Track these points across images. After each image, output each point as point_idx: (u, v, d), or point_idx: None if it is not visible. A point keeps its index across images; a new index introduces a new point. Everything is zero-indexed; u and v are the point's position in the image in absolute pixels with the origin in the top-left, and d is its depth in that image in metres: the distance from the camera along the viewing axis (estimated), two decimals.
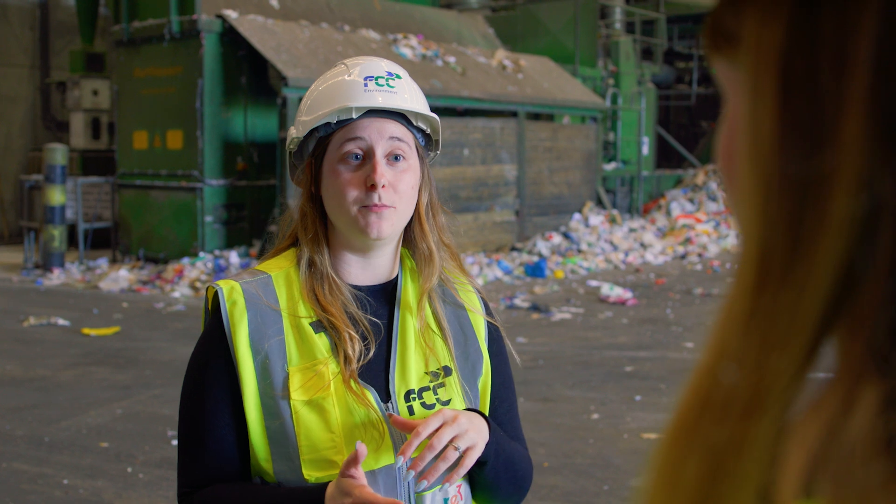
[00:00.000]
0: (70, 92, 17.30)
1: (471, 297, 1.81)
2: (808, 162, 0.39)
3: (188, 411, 1.63)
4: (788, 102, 0.39)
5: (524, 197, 16.01)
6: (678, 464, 0.43)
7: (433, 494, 1.62)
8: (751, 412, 0.41)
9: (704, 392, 0.43)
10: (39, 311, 10.44)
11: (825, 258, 0.39)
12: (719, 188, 19.59)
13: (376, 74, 1.67)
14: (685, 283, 12.75)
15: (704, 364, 0.44)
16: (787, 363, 0.40)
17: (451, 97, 14.40)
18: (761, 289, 0.41)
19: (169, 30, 13.69)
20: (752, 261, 0.41)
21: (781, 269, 0.40)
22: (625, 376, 7.58)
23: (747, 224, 0.42)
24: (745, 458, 0.41)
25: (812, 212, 0.39)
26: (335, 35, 14.39)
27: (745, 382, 0.41)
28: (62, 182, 13.80)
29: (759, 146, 0.40)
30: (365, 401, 1.59)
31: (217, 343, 1.60)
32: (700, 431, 0.43)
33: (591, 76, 19.31)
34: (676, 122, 27.60)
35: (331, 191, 1.64)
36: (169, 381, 7.36)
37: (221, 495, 1.58)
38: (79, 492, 5.12)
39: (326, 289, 1.64)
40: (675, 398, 0.46)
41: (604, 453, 5.67)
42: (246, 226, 13.85)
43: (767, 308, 0.40)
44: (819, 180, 0.39)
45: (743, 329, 0.41)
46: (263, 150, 13.93)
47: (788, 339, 0.40)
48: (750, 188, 0.41)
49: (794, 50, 0.39)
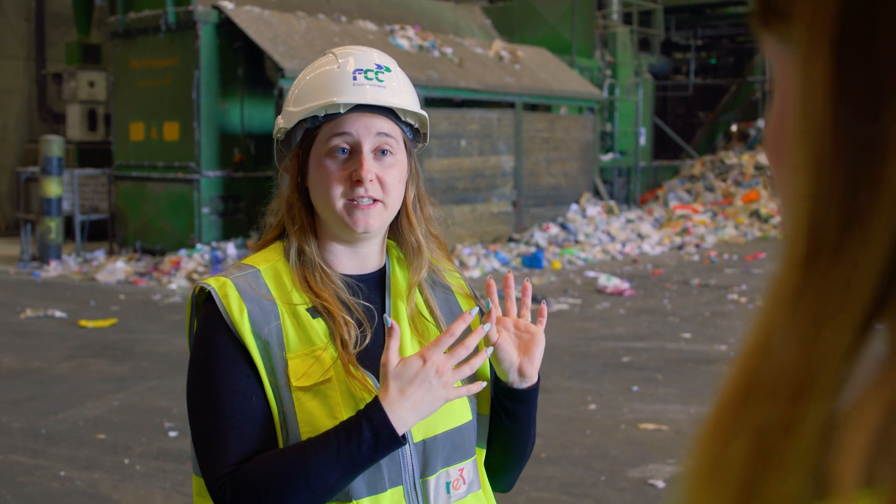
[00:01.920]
0: (66, 83, 17.26)
1: (458, 281, 1.82)
2: (864, 128, 0.38)
3: (204, 396, 1.56)
4: (843, 69, 0.38)
5: (521, 188, 16.00)
6: (724, 445, 0.42)
7: (437, 478, 1.62)
8: (801, 392, 0.39)
9: (752, 371, 0.42)
10: (36, 303, 10.43)
11: (880, 230, 0.38)
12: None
13: (365, 67, 1.66)
14: (682, 274, 12.76)
15: (753, 342, 0.42)
16: (840, 341, 0.39)
17: (448, 88, 14.38)
18: (812, 264, 0.39)
19: (165, 21, 13.66)
20: (802, 236, 0.40)
21: (833, 243, 0.39)
22: (622, 367, 7.58)
23: (797, 200, 0.40)
24: (795, 439, 0.39)
25: (867, 181, 0.38)
26: (332, 26, 14.36)
27: (795, 361, 0.40)
28: (59, 174, 13.78)
29: (813, 120, 0.39)
30: (367, 386, 1.58)
31: (220, 327, 1.57)
32: (748, 411, 0.41)
33: (589, 67, 19.29)
34: (674, 113, 27.59)
35: (317, 184, 1.64)
36: (166, 372, 7.36)
37: (262, 461, 1.50)
38: (75, 483, 5.12)
39: (318, 277, 1.64)
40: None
41: (601, 444, 5.67)
42: (243, 217, 13.83)
43: (818, 284, 0.39)
44: (874, 147, 0.38)
45: (792, 306, 0.40)
46: (260, 142, 13.91)
47: (841, 316, 0.39)
48: (801, 163, 0.40)
49: (850, 16, 0.38)
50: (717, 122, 24.54)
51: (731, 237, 16.64)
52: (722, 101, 24.99)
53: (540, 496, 4.87)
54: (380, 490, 1.56)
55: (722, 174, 19.99)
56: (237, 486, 1.50)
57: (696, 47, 26.14)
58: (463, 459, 1.66)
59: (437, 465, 1.62)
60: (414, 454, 1.60)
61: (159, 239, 13.87)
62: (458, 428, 1.65)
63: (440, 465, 1.62)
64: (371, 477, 1.55)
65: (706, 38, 26.54)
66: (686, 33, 25.74)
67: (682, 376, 7.12)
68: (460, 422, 1.66)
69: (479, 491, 1.70)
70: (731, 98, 24.70)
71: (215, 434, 1.54)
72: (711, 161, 20.76)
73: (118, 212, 14.67)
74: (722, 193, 19.21)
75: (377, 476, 1.56)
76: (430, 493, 1.61)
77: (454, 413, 1.66)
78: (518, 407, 1.69)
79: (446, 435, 1.63)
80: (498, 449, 1.73)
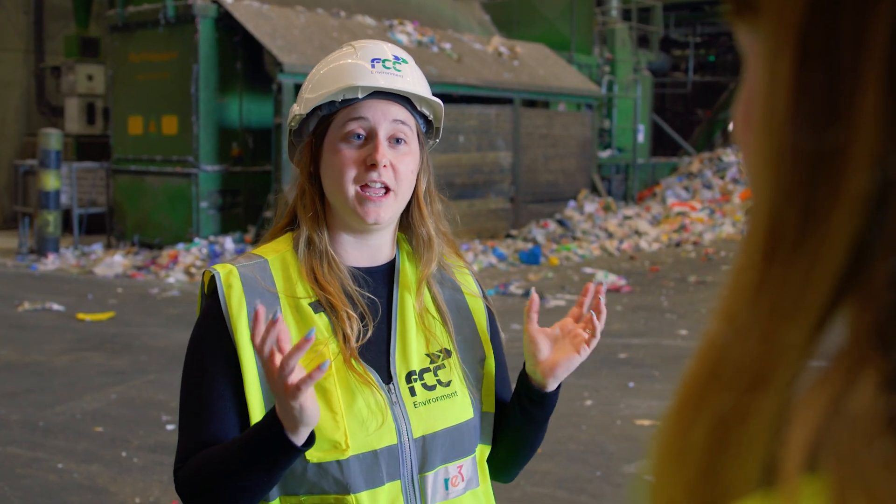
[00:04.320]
0: (65, 77, 17.24)
1: (467, 279, 1.82)
2: (822, 135, 0.38)
3: (189, 391, 1.61)
4: (804, 75, 0.39)
5: (519, 184, 16.01)
6: (685, 431, 0.43)
7: (435, 475, 1.63)
8: (757, 384, 0.40)
9: (712, 361, 0.43)
10: (34, 296, 10.44)
11: (837, 232, 0.38)
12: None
13: (383, 57, 1.68)
14: (679, 271, 12.77)
15: (714, 333, 0.43)
16: (796, 336, 0.40)
17: (447, 84, 14.38)
18: (771, 259, 0.40)
19: (164, 14, 13.65)
20: (762, 231, 0.40)
21: (793, 240, 0.39)
22: (618, 363, 7.60)
23: (759, 193, 0.41)
24: (750, 429, 0.41)
25: (824, 185, 0.38)
26: (331, 21, 14.36)
27: (752, 354, 0.41)
28: (57, 167, 13.76)
29: (774, 117, 0.40)
30: (367, 380, 1.59)
31: (216, 324, 1.60)
32: (707, 400, 0.42)
33: (587, 63, 19.29)
34: (672, 110, 27.58)
35: (330, 169, 1.64)
36: (163, 366, 7.37)
37: (204, 455, 1.55)
38: (73, 476, 5.13)
39: (326, 267, 1.65)
40: (677, 377, 0.47)
41: (597, 439, 5.69)
42: (241, 212, 13.84)
43: (777, 279, 0.40)
44: (832, 154, 0.38)
45: (751, 300, 0.41)
46: (258, 136, 13.90)
47: (797, 312, 0.39)
48: (762, 158, 0.41)
49: (814, 22, 0.38)
50: (715, 119, 24.55)
51: (729, 234, 16.65)
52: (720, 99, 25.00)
53: (536, 491, 4.89)
54: (377, 484, 1.57)
55: (720, 171, 20.00)
56: (183, 477, 1.57)
57: (695, 44, 26.13)
58: (462, 456, 1.67)
59: (435, 461, 1.63)
60: (413, 450, 1.61)
61: (157, 233, 13.87)
62: (458, 426, 1.66)
63: (439, 462, 1.63)
64: (369, 471, 1.57)
65: (705, 35, 26.53)
66: (685, 30, 25.73)
67: (679, 373, 7.11)
68: (461, 419, 1.67)
69: (479, 488, 1.71)
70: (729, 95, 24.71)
71: (188, 428, 1.61)
72: (709, 158, 20.76)
73: (116, 205, 14.67)
74: (720, 191, 19.22)
75: (375, 470, 1.57)
76: (427, 489, 1.62)
77: (454, 411, 1.67)
78: (535, 409, 1.70)
79: (446, 432, 1.64)
80: (507, 444, 1.75)
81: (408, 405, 1.63)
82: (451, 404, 1.66)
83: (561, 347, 1.67)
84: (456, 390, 1.68)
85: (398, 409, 1.61)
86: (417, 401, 1.63)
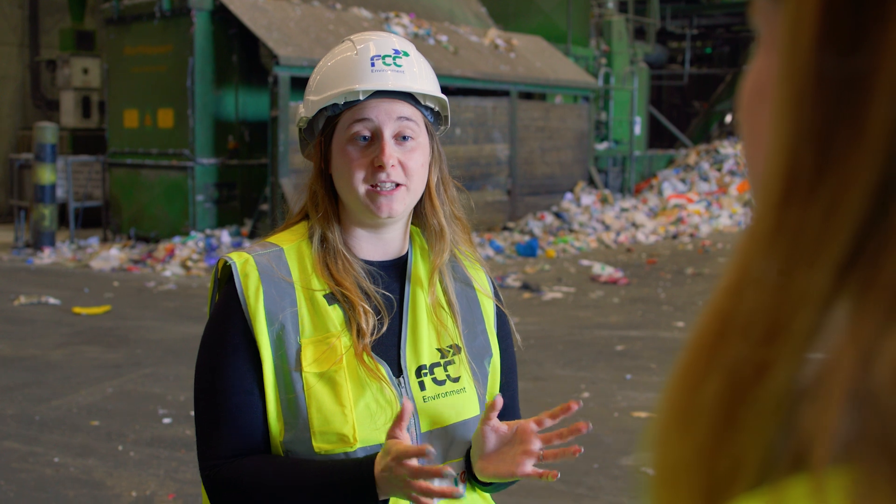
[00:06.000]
0: (60, 70, 17.19)
1: (480, 276, 1.81)
2: (848, 60, 0.36)
3: (209, 382, 1.59)
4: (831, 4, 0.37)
5: (516, 176, 16.00)
6: (695, 389, 0.40)
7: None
8: (773, 335, 0.38)
9: (726, 311, 0.40)
10: (30, 290, 10.42)
11: (858, 171, 0.36)
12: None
13: (384, 53, 1.66)
14: (676, 263, 12.77)
15: (727, 282, 0.40)
16: (814, 284, 0.37)
17: (443, 76, 14.34)
18: (787, 204, 0.38)
19: (159, 7, 13.61)
20: (778, 175, 0.38)
21: (810, 182, 0.37)
22: (616, 355, 7.60)
23: (775, 140, 0.39)
24: (767, 382, 0.38)
25: (847, 117, 0.36)
26: (327, 13, 14.32)
27: (768, 302, 0.38)
28: (52, 161, 13.73)
29: (799, 43, 0.38)
30: (378, 375, 1.59)
31: (234, 313, 1.59)
32: (720, 352, 0.40)
33: (584, 56, 19.27)
34: (669, 102, 27.59)
35: (340, 170, 1.64)
36: (160, 359, 7.36)
37: (257, 466, 1.55)
38: (69, 470, 5.12)
39: (339, 264, 1.64)
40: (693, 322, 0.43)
41: (594, 432, 5.67)
42: (237, 205, 13.82)
43: (794, 224, 0.38)
44: (857, 81, 0.36)
45: (767, 246, 0.38)
46: (255, 129, 13.88)
47: (815, 259, 0.37)
48: (782, 100, 0.38)
49: None
50: (712, 111, 24.56)
51: (726, 226, 16.66)
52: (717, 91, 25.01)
53: (533, 484, 4.88)
54: None
55: (717, 163, 20.00)
56: (228, 479, 1.55)
57: (692, 36, 26.12)
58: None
59: (442, 455, 1.63)
60: (420, 444, 1.60)
61: (153, 226, 13.85)
62: (466, 421, 1.66)
63: (443, 458, 1.64)
64: None
65: (701, 27, 26.52)
66: (681, 22, 25.72)
67: None
68: (468, 415, 1.67)
69: None
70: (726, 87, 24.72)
71: (214, 423, 1.58)
72: (706, 150, 20.76)
73: (112, 199, 14.64)
74: (716, 183, 19.22)
75: None
76: (434, 482, 1.62)
77: (463, 406, 1.67)
78: (481, 486, 1.69)
79: (453, 427, 1.65)
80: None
81: (417, 399, 1.62)
82: (460, 400, 1.66)
83: (503, 458, 1.60)
84: (465, 386, 1.68)
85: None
86: (427, 395, 1.63)
